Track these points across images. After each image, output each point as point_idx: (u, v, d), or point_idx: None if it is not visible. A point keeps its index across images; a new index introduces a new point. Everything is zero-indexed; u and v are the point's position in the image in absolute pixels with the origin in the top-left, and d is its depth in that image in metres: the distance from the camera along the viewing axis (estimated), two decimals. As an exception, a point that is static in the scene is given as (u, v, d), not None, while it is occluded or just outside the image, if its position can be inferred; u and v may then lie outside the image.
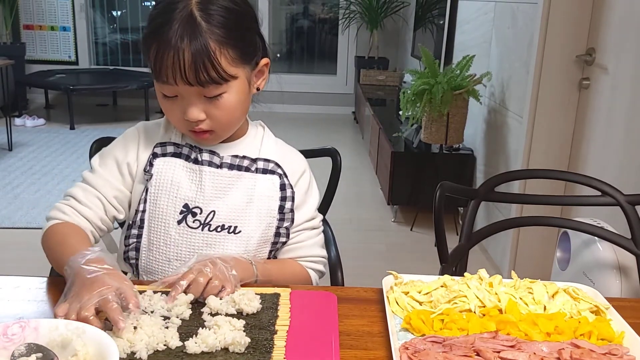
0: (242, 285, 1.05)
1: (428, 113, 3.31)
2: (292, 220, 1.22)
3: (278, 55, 7.07)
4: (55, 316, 0.87)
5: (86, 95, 6.37)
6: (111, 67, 6.77)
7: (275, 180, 1.20)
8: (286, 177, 1.21)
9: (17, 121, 5.70)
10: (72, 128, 5.66)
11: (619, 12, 2.32)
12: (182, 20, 1.04)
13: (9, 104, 5.17)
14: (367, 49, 6.36)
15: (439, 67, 3.39)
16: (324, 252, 1.29)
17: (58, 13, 6.59)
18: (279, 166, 1.21)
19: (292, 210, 1.21)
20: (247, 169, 1.18)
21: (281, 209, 1.20)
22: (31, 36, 6.63)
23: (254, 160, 1.19)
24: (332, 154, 1.53)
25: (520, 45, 2.87)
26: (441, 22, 4.42)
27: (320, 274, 1.29)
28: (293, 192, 1.21)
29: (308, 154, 1.46)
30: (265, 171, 1.20)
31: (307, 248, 1.25)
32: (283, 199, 1.20)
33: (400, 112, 3.45)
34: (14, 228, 3.37)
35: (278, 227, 1.20)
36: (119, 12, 6.91)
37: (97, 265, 0.93)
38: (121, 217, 1.20)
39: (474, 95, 3.22)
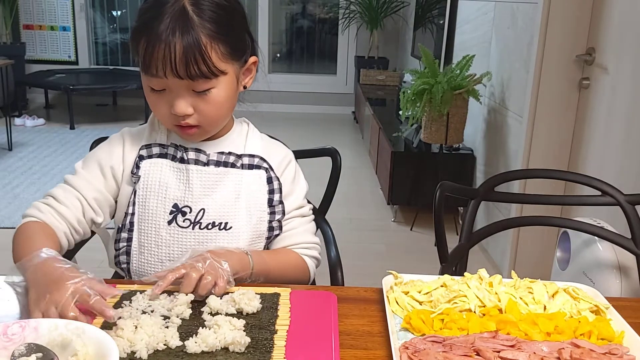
0: (242, 285, 1.05)
1: (428, 113, 3.31)
2: (283, 212, 1.23)
3: (278, 55, 7.07)
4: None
5: (86, 95, 6.37)
6: (111, 67, 6.77)
7: (261, 174, 1.21)
8: (272, 170, 1.22)
9: (17, 121, 5.70)
10: (72, 128, 5.66)
11: (619, 11, 2.32)
12: (174, 14, 1.05)
13: (9, 104, 5.17)
14: (367, 49, 6.36)
15: (439, 67, 3.39)
16: (316, 239, 1.28)
17: (58, 13, 6.59)
18: (264, 160, 1.22)
19: (281, 202, 1.22)
20: (233, 165, 1.19)
21: (270, 202, 1.21)
22: (31, 36, 6.63)
23: (239, 156, 1.20)
24: (332, 153, 1.53)
25: (520, 45, 2.87)
26: (441, 21, 4.42)
27: (316, 261, 1.27)
28: (280, 184, 1.22)
29: (308, 153, 1.47)
30: (251, 166, 1.21)
31: (298, 235, 1.24)
32: (271, 191, 1.21)
33: (400, 112, 3.45)
34: (14, 228, 3.36)
35: (270, 221, 1.21)
36: (118, 12, 6.91)
37: (55, 263, 0.92)
38: (99, 220, 1.18)
39: (474, 95, 3.22)
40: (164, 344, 0.86)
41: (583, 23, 2.54)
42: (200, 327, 0.89)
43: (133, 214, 1.18)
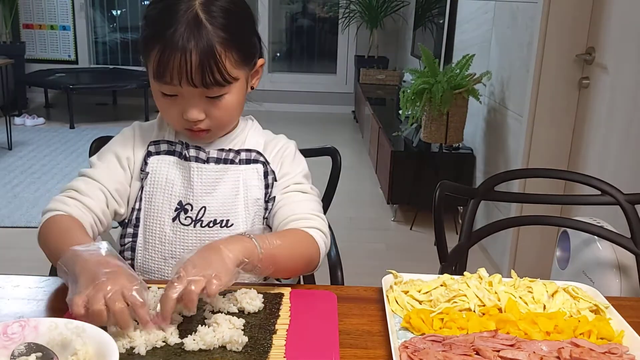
0: (244, 285, 1.04)
1: (428, 112, 3.31)
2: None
3: (278, 54, 7.07)
4: (72, 307, 0.83)
5: (86, 94, 6.37)
6: (111, 66, 6.77)
7: (259, 168, 1.20)
8: (268, 164, 1.21)
9: (17, 120, 5.70)
10: (71, 127, 5.66)
11: (619, 11, 2.32)
12: (189, 22, 1.04)
13: (9, 103, 5.18)
14: (367, 48, 6.36)
15: (439, 66, 3.39)
16: (315, 212, 1.16)
17: (58, 12, 6.59)
18: (260, 154, 1.21)
19: (274, 198, 1.20)
20: (232, 162, 1.19)
21: (266, 196, 1.20)
22: (31, 35, 6.63)
23: (238, 152, 1.20)
24: (332, 153, 1.53)
25: (520, 45, 2.87)
26: (441, 21, 4.42)
27: (322, 234, 1.13)
28: (275, 178, 1.21)
29: (308, 153, 1.46)
30: (248, 161, 1.20)
31: (296, 206, 1.16)
32: (267, 186, 1.20)
33: (400, 112, 3.45)
34: (14, 227, 3.37)
35: (266, 218, 1.20)
36: (118, 11, 6.91)
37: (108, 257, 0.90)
38: (122, 211, 1.18)
39: (474, 94, 3.22)
40: (163, 341, 0.86)
41: (583, 22, 2.54)
42: (200, 325, 0.89)
43: (139, 209, 1.18)
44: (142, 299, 0.85)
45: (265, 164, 1.21)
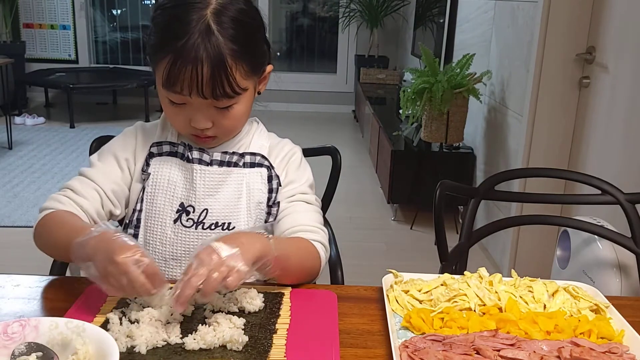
0: (245, 284, 1.04)
1: (428, 112, 3.31)
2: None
3: (278, 53, 7.07)
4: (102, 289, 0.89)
5: (86, 93, 6.37)
6: (111, 66, 6.77)
7: (263, 172, 1.20)
8: (273, 168, 1.21)
9: (17, 120, 5.70)
10: (72, 127, 5.66)
11: (619, 10, 2.32)
12: (201, 33, 1.03)
13: (9, 103, 5.17)
14: (367, 48, 6.36)
15: (439, 66, 3.39)
16: (319, 225, 1.18)
17: (58, 12, 6.59)
18: (265, 158, 1.21)
19: (279, 203, 1.20)
20: (236, 165, 1.19)
21: (269, 200, 1.20)
22: (31, 35, 6.63)
23: (242, 155, 1.20)
24: (332, 152, 1.53)
25: (520, 44, 2.87)
26: (441, 20, 4.42)
27: (323, 247, 1.15)
28: (279, 184, 1.21)
29: (308, 152, 1.46)
30: (252, 165, 1.20)
31: (301, 217, 1.17)
32: (270, 190, 1.20)
33: (400, 111, 3.45)
34: (14, 227, 3.37)
35: (267, 221, 1.20)
36: (118, 11, 6.91)
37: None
38: (117, 212, 1.18)
39: (474, 93, 3.22)
40: (164, 341, 0.86)
41: (583, 22, 2.54)
42: (201, 324, 0.89)
43: (140, 210, 1.18)
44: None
45: (270, 168, 1.21)
